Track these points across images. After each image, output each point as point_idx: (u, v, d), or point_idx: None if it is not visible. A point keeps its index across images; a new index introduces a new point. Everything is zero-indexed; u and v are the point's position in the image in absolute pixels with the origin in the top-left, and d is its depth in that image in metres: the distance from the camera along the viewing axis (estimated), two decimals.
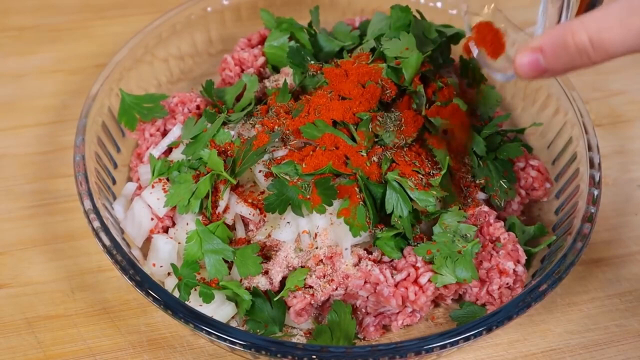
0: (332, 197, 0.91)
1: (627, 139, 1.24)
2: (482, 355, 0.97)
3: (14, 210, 1.12)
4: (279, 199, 0.93)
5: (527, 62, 0.69)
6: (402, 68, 1.02)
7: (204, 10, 1.26)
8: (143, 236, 1.01)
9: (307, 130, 0.96)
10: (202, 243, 0.95)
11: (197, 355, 0.96)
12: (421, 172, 0.96)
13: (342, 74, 1.02)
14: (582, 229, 0.96)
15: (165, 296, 0.88)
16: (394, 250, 0.94)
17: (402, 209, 0.93)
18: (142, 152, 1.10)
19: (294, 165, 0.95)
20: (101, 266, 1.05)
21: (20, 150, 1.20)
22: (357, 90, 1.00)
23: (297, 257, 0.95)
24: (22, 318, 1.00)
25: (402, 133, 0.98)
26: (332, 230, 0.94)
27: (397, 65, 1.02)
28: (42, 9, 1.44)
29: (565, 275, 0.91)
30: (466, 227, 0.96)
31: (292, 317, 0.93)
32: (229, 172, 0.98)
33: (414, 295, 0.92)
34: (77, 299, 1.02)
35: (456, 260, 0.92)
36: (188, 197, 0.98)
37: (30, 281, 1.04)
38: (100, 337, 0.98)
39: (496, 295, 0.96)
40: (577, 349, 0.98)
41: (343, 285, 0.93)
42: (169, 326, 0.99)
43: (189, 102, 1.13)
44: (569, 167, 1.08)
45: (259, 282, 0.95)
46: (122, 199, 1.05)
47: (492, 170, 1.04)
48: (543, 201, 1.10)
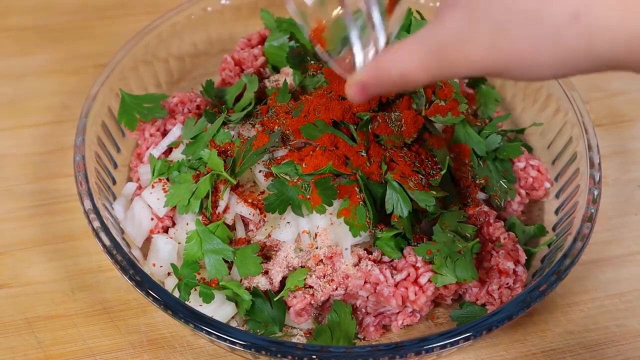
0: (332, 197, 0.91)
1: (627, 139, 1.24)
2: (482, 355, 0.98)
3: (14, 210, 1.12)
4: (279, 199, 0.93)
5: (354, 92, 0.75)
6: None
7: (204, 10, 1.26)
8: (143, 236, 1.01)
9: (307, 130, 0.96)
10: (202, 243, 0.95)
11: (197, 355, 0.96)
12: (421, 172, 0.96)
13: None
14: (582, 229, 0.96)
15: (165, 296, 0.88)
16: (394, 250, 0.94)
17: (402, 209, 0.93)
18: (142, 152, 1.10)
19: (294, 165, 0.95)
20: (101, 266, 1.05)
21: (20, 150, 1.20)
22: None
23: (297, 257, 0.95)
24: (22, 318, 1.00)
25: (402, 134, 0.98)
26: (332, 230, 0.94)
27: None
28: (42, 9, 1.44)
29: (565, 276, 0.91)
30: (466, 227, 0.96)
31: (292, 317, 0.93)
32: (229, 172, 0.98)
33: (414, 295, 0.92)
34: (77, 299, 1.02)
35: (456, 260, 0.92)
36: (188, 197, 0.98)
37: (30, 281, 1.04)
38: (100, 337, 0.98)
39: (496, 295, 0.96)
40: (577, 348, 0.98)
41: (343, 285, 0.93)
42: (169, 326, 0.99)
43: (189, 102, 1.13)
44: (569, 167, 1.08)
45: (259, 282, 0.95)
46: (122, 199, 1.05)
47: (492, 170, 1.04)
48: (543, 201, 1.11)
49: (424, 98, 1.02)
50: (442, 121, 1.01)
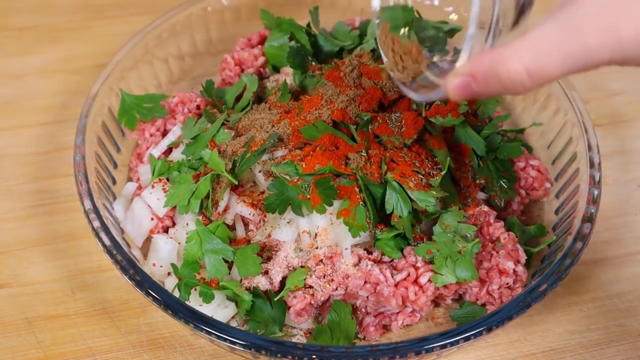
0: (332, 197, 0.91)
1: (627, 139, 1.24)
2: (482, 355, 0.97)
3: (14, 210, 1.12)
4: (279, 199, 0.93)
5: (458, 84, 0.68)
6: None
7: (204, 10, 1.26)
8: (143, 236, 1.01)
9: (307, 131, 0.96)
10: (202, 243, 0.95)
11: (197, 355, 0.96)
12: (421, 172, 0.96)
13: (342, 76, 1.02)
14: (582, 229, 0.96)
15: (165, 296, 0.88)
16: (394, 250, 0.94)
17: (402, 209, 0.93)
18: (142, 152, 1.10)
19: (294, 165, 0.95)
20: (101, 266, 1.05)
21: (20, 150, 1.20)
22: (357, 92, 1.00)
23: (297, 257, 0.95)
24: (22, 318, 1.00)
25: (403, 134, 0.98)
26: (332, 230, 0.94)
27: None
28: (42, 9, 1.44)
29: (565, 275, 0.91)
30: (466, 227, 0.96)
31: (292, 317, 0.93)
32: (229, 172, 0.98)
33: (414, 295, 0.92)
34: (77, 298, 1.02)
35: (456, 260, 0.92)
36: (188, 197, 0.98)
37: (30, 281, 1.04)
38: (100, 337, 0.98)
39: (496, 295, 0.96)
40: (577, 348, 0.98)
41: (343, 285, 0.93)
42: (169, 326, 0.99)
43: (189, 102, 1.13)
44: (569, 166, 1.08)
45: (259, 282, 0.95)
46: (122, 199, 1.05)
47: (492, 170, 1.04)
48: (543, 201, 1.10)
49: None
50: (442, 122, 1.00)
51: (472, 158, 1.04)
